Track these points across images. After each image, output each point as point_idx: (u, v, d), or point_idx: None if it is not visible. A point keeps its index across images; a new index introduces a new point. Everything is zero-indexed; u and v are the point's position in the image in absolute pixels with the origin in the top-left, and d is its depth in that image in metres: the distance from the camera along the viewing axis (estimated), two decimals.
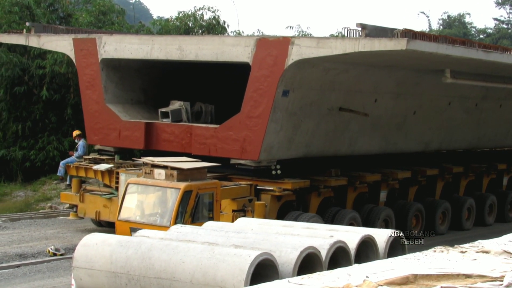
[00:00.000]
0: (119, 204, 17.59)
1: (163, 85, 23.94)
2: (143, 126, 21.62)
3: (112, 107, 22.14)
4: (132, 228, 17.04)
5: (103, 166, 21.48)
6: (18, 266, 18.93)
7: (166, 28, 38.83)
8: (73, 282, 11.15)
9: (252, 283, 9.53)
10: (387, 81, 22.83)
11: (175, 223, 16.66)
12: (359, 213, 21.96)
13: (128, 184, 17.73)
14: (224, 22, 40.23)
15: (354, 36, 18.58)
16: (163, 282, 10.05)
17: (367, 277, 7.79)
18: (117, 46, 21.81)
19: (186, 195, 16.91)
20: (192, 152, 20.80)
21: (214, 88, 24.90)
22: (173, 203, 16.87)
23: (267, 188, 20.23)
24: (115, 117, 22.06)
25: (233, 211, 19.63)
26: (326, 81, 20.68)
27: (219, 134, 20.37)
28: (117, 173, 20.94)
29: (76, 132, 24.65)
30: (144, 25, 40.26)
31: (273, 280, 8.32)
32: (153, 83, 23.68)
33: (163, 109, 21.95)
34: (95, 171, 21.78)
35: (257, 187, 20.32)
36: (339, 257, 11.30)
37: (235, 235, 11.47)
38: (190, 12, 39.98)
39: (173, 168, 17.20)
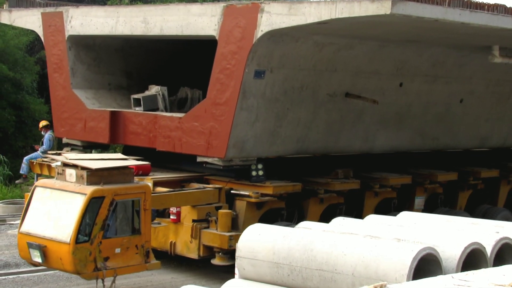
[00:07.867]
0: (22, 213, 14.15)
1: (153, 67, 20.11)
2: (108, 115, 17.97)
3: (79, 93, 18.49)
4: (29, 243, 13.58)
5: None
6: None
7: None
8: (236, 271, 11.12)
9: (414, 278, 9.38)
10: (417, 61, 18.28)
11: (77, 238, 13.10)
12: None
13: (35, 187, 14.28)
14: None
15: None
16: (325, 274, 10.10)
17: None
18: (83, 21, 18.23)
19: (94, 203, 13.24)
20: (156, 147, 17.08)
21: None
22: (77, 212, 13.23)
23: (241, 193, 16.23)
24: (81, 105, 18.47)
25: (193, 221, 15.82)
26: (322, 60, 16.42)
27: (184, 126, 16.45)
28: None
29: (42, 123, 20.89)
30: None
31: (436, 276, 8.35)
32: (141, 65, 19.82)
33: (135, 96, 18.22)
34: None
35: (232, 191, 16.39)
36: (505, 254, 10.88)
37: (397, 228, 11.23)
38: None
39: (83, 168, 13.58)
